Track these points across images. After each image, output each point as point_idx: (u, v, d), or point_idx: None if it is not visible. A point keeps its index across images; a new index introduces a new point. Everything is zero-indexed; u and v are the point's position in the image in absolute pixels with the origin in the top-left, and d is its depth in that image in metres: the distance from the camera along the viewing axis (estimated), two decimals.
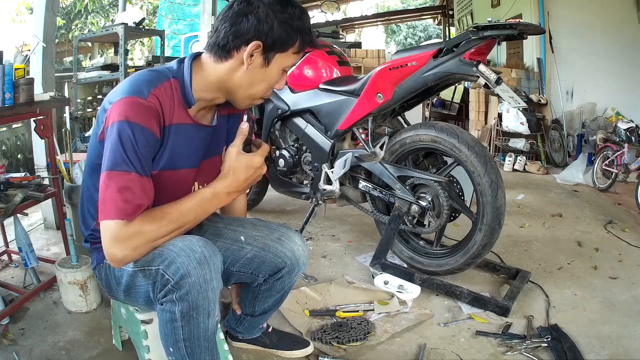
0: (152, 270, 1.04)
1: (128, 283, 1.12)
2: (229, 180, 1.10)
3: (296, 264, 1.34)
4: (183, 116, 1.11)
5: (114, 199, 0.97)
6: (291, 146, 2.38)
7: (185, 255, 1.00)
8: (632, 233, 2.85)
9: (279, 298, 1.44)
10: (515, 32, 1.71)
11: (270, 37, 1.05)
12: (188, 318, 1.01)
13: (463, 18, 8.50)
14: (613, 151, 4.14)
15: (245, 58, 1.06)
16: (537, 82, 5.56)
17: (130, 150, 0.98)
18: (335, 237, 2.64)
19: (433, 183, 1.96)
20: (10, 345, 1.54)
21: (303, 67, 2.32)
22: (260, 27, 1.04)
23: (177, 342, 1.04)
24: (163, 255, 1.02)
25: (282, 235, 1.32)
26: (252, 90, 1.12)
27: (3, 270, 2.13)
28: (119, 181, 0.98)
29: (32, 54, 2.31)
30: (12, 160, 3.25)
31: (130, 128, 0.98)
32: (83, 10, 9.31)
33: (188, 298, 1.00)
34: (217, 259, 1.05)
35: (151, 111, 1.02)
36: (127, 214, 0.97)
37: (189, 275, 0.99)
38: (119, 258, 0.99)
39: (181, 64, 1.12)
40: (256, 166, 1.12)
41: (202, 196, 1.08)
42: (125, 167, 0.98)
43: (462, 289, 1.90)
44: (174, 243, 1.03)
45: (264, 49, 1.06)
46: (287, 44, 1.08)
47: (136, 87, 1.03)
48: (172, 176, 1.13)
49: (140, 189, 0.99)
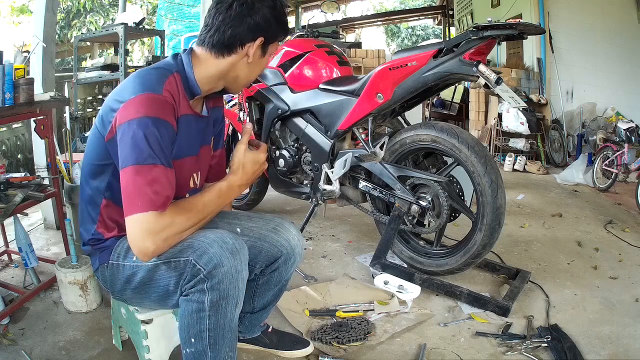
0: (181, 262, 1.06)
1: (144, 279, 1.13)
2: (239, 174, 1.19)
3: (292, 254, 1.36)
4: (186, 107, 1.17)
5: (144, 192, 0.99)
6: (291, 146, 2.38)
7: (218, 246, 1.05)
8: (632, 233, 2.85)
9: (277, 292, 1.45)
10: (515, 32, 1.71)
11: (270, 32, 1.17)
12: (217, 307, 1.05)
13: (463, 18, 8.51)
14: (613, 151, 4.15)
15: (252, 53, 1.16)
16: (537, 82, 5.56)
17: (155, 143, 1.01)
18: (335, 237, 2.64)
19: (433, 183, 1.96)
20: (10, 345, 1.54)
21: (303, 67, 2.32)
22: (262, 25, 1.14)
23: (201, 332, 1.07)
24: (193, 246, 1.06)
25: (277, 225, 1.36)
26: (249, 78, 1.25)
27: (3, 270, 2.13)
28: (148, 174, 1.00)
29: (32, 54, 2.31)
30: (12, 160, 3.26)
31: (153, 123, 1.02)
32: (82, 10, 9.31)
33: (220, 287, 1.04)
34: (245, 251, 1.11)
35: (167, 105, 1.07)
36: (159, 205, 0.99)
37: (221, 265, 1.04)
38: (152, 250, 1.01)
39: (176, 59, 1.17)
40: (261, 161, 1.23)
41: (220, 188, 1.16)
42: (151, 160, 1.00)
43: (462, 289, 1.90)
44: (204, 235, 1.09)
45: (264, 42, 1.17)
46: (279, 36, 1.21)
47: (148, 84, 1.06)
48: (178, 166, 1.15)
49: (167, 181, 1.03)
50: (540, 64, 5.58)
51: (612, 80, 5.57)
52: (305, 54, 2.33)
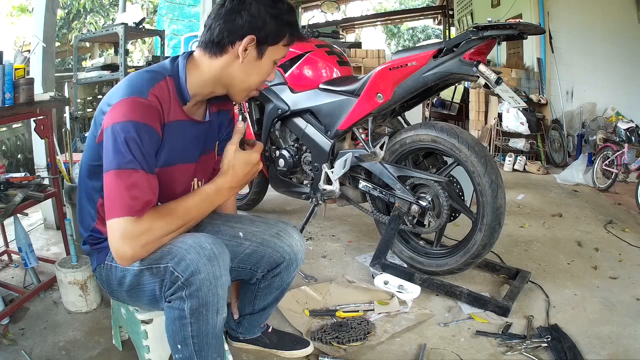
0: (161, 268, 1.05)
1: (132, 283, 1.13)
2: (229, 176, 1.14)
3: (294, 259, 1.35)
4: (179, 113, 1.14)
5: (122, 196, 0.98)
6: (291, 146, 2.38)
7: (195, 252, 1.02)
8: (632, 233, 2.85)
9: (278, 294, 1.44)
10: (515, 32, 1.71)
11: (263, 31, 1.10)
12: (197, 315, 1.03)
13: (463, 18, 8.51)
14: (613, 151, 4.15)
15: (240, 52, 1.10)
16: (537, 82, 5.56)
17: (135, 148, 1.00)
18: (335, 237, 2.64)
19: (433, 183, 1.96)
20: (10, 345, 1.54)
21: (303, 67, 2.32)
22: (253, 22, 1.09)
23: (185, 339, 1.06)
24: (172, 252, 1.03)
25: (280, 230, 1.34)
26: (247, 83, 1.17)
27: (3, 270, 2.13)
28: (127, 179, 0.99)
29: (32, 54, 2.31)
30: (12, 160, 3.26)
31: (134, 127, 1.00)
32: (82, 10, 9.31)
33: (198, 295, 1.01)
34: (226, 256, 1.07)
35: (152, 109, 1.04)
36: (136, 210, 0.98)
37: (199, 272, 1.00)
38: (129, 255, 1.00)
39: (174, 63, 1.15)
40: (253, 162, 1.17)
41: (206, 192, 1.12)
42: (131, 165, 0.99)
43: (462, 289, 1.90)
44: (182, 240, 1.05)
45: (258, 42, 1.11)
46: (278, 37, 1.13)
47: (135, 88, 1.05)
48: (172, 172, 1.15)
49: (147, 186, 1.01)
50: (540, 64, 5.58)
51: (612, 80, 5.58)
52: (305, 54, 2.33)
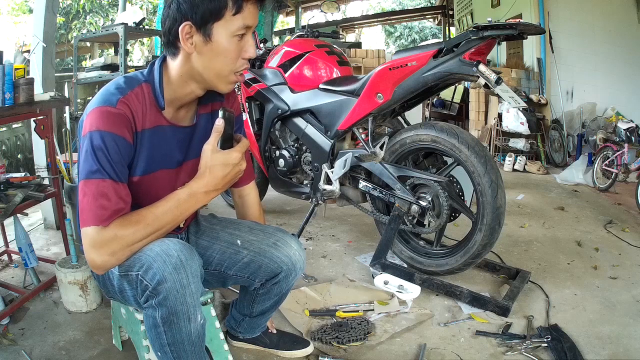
0: (133, 276, 1.03)
1: (119, 287, 1.13)
2: (205, 179, 1.06)
3: (293, 269, 1.33)
4: (157, 119, 1.11)
5: (90, 206, 0.98)
6: (291, 146, 2.38)
7: (161, 260, 0.99)
8: (632, 233, 2.85)
9: (277, 300, 1.44)
10: (515, 32, 1.71)
11: (196, 12, 1.01)
12: (169, 323, 1.01)
13: (463, 18, 8.50)
14: (613, 151, 4.14)
15: (186, 43, 1.04)
16: (537, 82, 5.56)
17: (102, 158, 0.99)
18: (335, 237, 2.64)
19: (433, 183, 1.96)
20: (10, 345, 1.54)
21: (303, 67, 2.32)
22: (181, 8, 1.02)
23: (162, 346, 1.04)
24: (141, 260, 1.02)
25: (278, 240, 1.31)
26: (215, 71, 1.08)
27: (3, 270, 2.13)
28: (95, 189, 0.99)
29: (32, 54, 2.31)
30: (12, 160, 3.26)
31: (101, 136, 1.00)
32: (82, 11, 9.31)
33: (166, 303, 0.99)
34: (194, 263, 1.03)
35: (121, 118, 1.02)
36: (103, 219, 0.98)
37: (165, 280, 0.98)
38: (98, 264, 0.99)
39: (152, 68, 1.12)
40: (234, 162, 1.07)
41: (178, 198, 1.05)
42: (99, 174, 0.99)
43: (462, 289, 1.90)
44: (151, 248, 1.02)
45: (198, 26, 1.02)
46: (218, 10, 1.02)
47: (105, 97, 1.04)
48: (153, 180, 1.13)
49: (115, 195, 1.00)
50: (540, 64, 5.58)
51: (612, 80, 5.57)
52: (305, 54, 2.33)
